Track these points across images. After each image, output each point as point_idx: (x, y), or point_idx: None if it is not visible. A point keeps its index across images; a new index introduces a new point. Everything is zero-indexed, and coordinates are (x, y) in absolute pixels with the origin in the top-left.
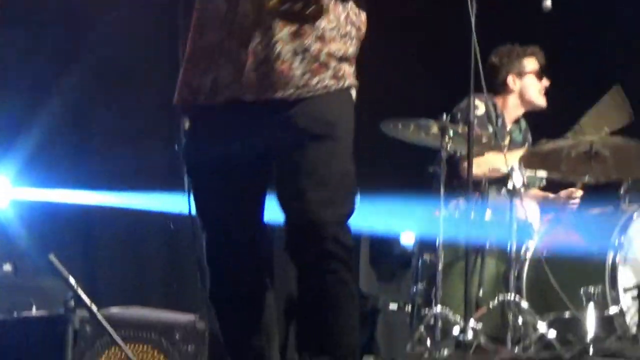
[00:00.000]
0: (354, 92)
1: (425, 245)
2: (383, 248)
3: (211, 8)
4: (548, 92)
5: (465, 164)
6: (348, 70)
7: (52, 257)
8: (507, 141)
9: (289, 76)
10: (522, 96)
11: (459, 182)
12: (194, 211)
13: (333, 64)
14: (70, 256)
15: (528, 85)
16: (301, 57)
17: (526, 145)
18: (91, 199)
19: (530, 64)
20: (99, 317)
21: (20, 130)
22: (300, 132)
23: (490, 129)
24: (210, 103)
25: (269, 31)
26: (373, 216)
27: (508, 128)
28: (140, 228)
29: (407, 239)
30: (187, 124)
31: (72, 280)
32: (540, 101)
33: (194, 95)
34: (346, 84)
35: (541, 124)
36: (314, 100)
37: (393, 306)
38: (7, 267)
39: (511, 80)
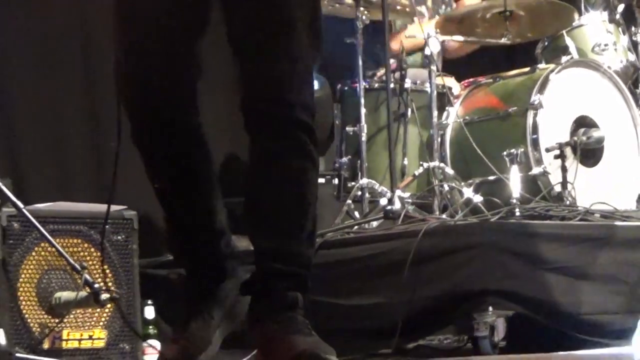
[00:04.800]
0: None
1: (348, 117)
2: None
3: None
4: None
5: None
6: None
7: None
8: (429, 2)
9: None
10: None
11: (377, 51)
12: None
13: None
14: None
15: None
16: None
17: (444, 6)
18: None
19: None
20: (26, 212)
21: None
22: None
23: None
24: None
25: None
26: None
27: None
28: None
29: None
30: None
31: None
32: None
33: None
34: None
35: None
36: None
37: (320, 180)
38: None
39: None
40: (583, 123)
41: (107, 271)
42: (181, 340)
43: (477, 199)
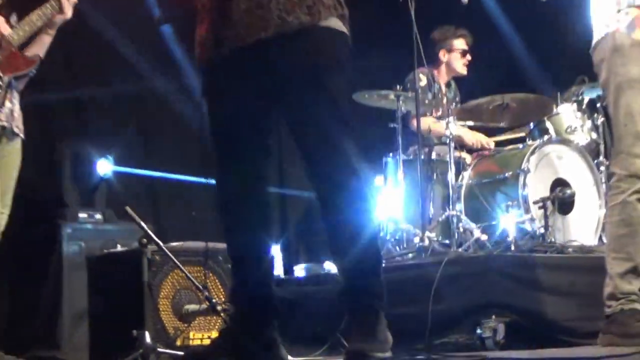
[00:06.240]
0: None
1: (391, 180)
2: None
3: None
4: (470, 64)
5: (415, 120)
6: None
7: (128, 209)
8: (444, 100)
9: (268, 18)
10: (449, 66)
11: (411, 133)
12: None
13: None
14: (144, 210)
15: (453, 59)
16: (276, 3)
17: (457, 99)
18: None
19: (459, 44)
20: (164, 249)
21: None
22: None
23: (430, 95)
24: (215, 55)
25: None
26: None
27: (444, 90)
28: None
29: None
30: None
31: (143, 224)
32: (463, 71)
33: (202, 49)
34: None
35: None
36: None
37: None
38: (97, 216)
39: (442, 54)
40: (559, 183)
41: (221, 289)
42: None
43: (484, 237)
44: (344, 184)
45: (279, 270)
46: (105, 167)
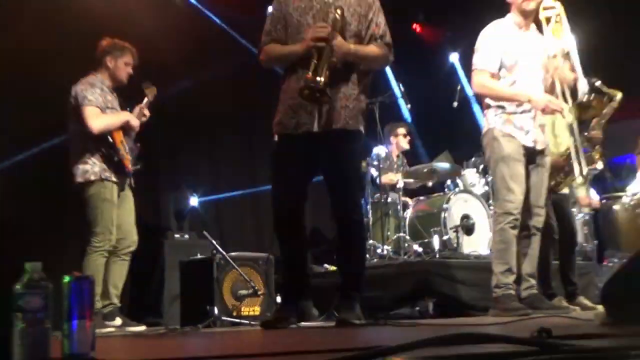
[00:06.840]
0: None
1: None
2: None
3: (292, 83)
4: (411, 143)
5: (378, 179)
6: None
7: (205, 232)
8: (395, 166)
9: (338, 119)
10: (397, 145)
11: (376, 185)
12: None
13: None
14: (214, 231)
15: (400, 140)
16: (344, 111)
17: (404, 164)
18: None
19: (401, 130)
20: (227, 256)
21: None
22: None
23: (387, 163)
24: (293, 133)
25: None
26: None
27: (395, 160)
28: (247, 218)
29: None
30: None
31: (214, 242)
32: (406, 146)
33: (284, 127)
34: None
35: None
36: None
37: None
38: (186, 236)
39: (392, 138)
40: (465, 217)
41: (261, 281)
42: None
43: (420, 250)
44: (356, 210)
45: None
46: (193, 201)
